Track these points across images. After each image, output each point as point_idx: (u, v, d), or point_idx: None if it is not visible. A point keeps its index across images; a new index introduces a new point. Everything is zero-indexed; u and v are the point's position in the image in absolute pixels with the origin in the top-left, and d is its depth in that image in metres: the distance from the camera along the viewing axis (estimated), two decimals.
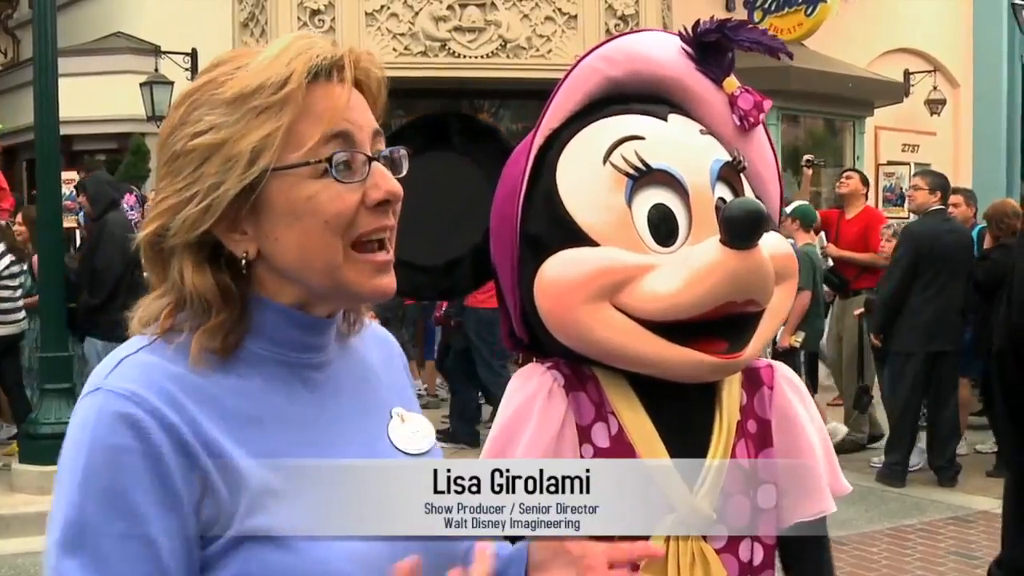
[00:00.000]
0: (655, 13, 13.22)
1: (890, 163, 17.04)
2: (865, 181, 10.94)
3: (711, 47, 2.01)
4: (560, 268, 1.86)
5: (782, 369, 2.08)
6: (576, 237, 1.87)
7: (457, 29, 12.88)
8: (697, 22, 2.03)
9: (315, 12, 12.75)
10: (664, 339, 1.83)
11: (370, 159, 1.41)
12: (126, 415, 1.30)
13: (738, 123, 2.02)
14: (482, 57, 12.87)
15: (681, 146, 1.93)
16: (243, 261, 1.40)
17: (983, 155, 18.77)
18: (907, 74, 17.53)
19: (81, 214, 10.39)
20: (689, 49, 2.02)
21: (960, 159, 18.58)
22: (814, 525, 2.01)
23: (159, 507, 1.29)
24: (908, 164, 16.53)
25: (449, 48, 12.72)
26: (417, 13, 12.83)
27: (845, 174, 10.96)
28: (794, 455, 1.99)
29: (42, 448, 8.16)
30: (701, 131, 1.98)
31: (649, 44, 2.05)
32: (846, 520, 7.50)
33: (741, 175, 1.97)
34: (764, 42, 2.02)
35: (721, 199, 1.90)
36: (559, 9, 13.04)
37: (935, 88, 17.63)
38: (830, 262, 10.32)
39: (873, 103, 16.19)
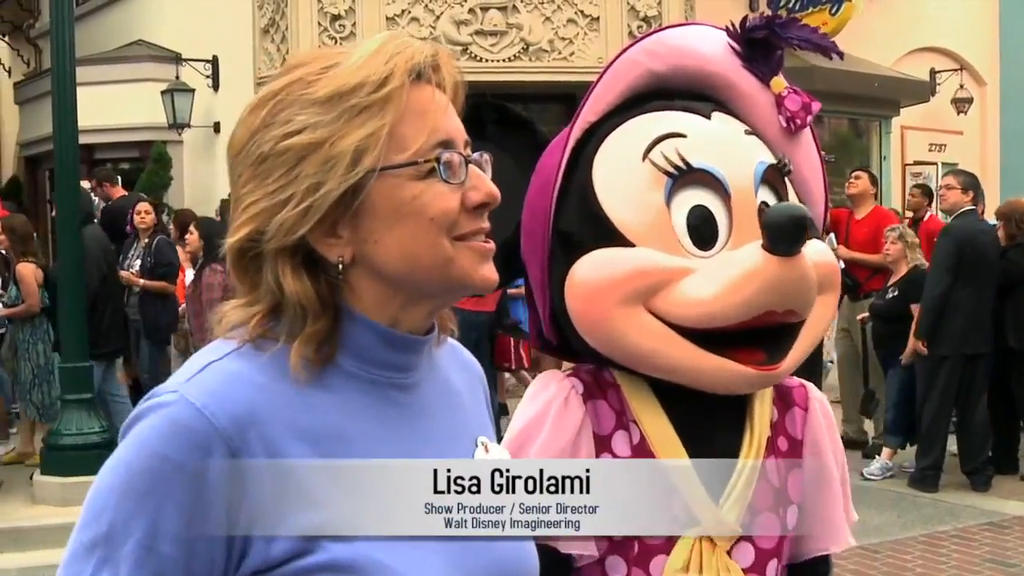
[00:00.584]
0: (678, 14, 13.12)
1: (917, 163, 16.93)
2: (874, 181, 10.84)
3: (759, 44, 1.94)
4: (593, 268, 1.79)
5: (815, 392, 2.02)
6: (610, 236, 1.80)
7: (479, 33, 12.84)
8: (745, 18, 1.96)
9: (335, 17, 12.71)
10: (699, 347, 1.76)
11: (467, 161, 1.40)
12: (189, 429, 1.27)
13: (784, 124, 1.95)
14: (504, 61, 12.81)
15: (725, 145, 1.85)
16: (339, 266, 1.36)
17: (1011, 153, 18.61)
18: (933, 73, 17.40)
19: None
20: (736, 45, 1.95)
21: (987, 158, 18.43)
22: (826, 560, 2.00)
23: (184, 527, 1.26)
24: (935, 164, 16.44)
25: (471, 52, 12.67)
26: (438, 17, 12.79)
27: (854, 174, 10.83)
28: (819, 483, 1.94)
29: (65, 459, 8.17)
30: (746, 131, 1.91)
31: (694, 38, 1.98)
32: (879, 527, 7.42)
33: (786, 179, 1.89)
34: (815, 40, 1.96)
35: (764, 203, 1.83)
36: (581, 11, 12.96)
37: (962, 87, 17.51)
38: (842, 264, 10.20)
39: (899, 102, 16.09)
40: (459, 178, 1.37)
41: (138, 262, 10.24)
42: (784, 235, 1.66)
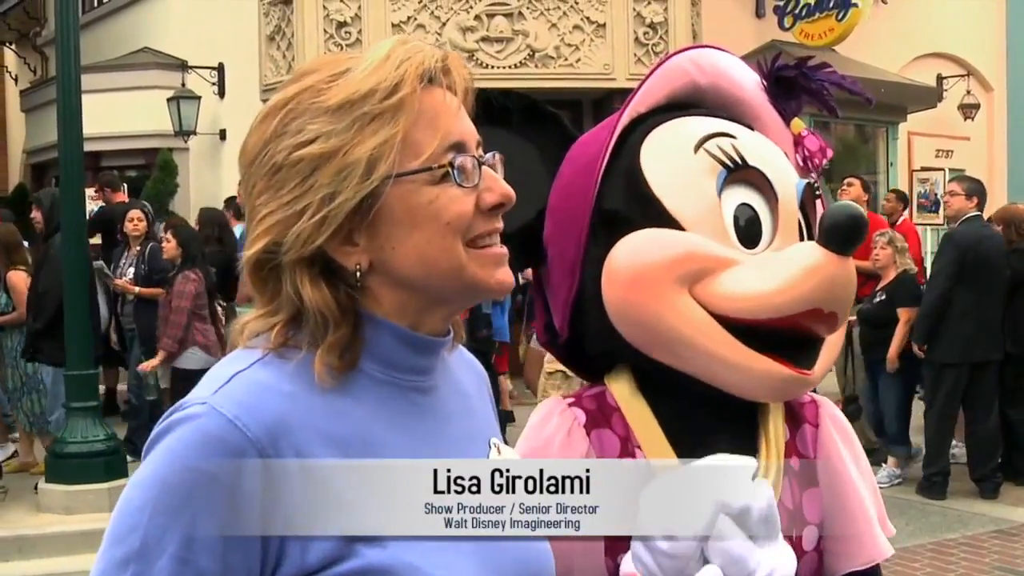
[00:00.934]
0: (684, 20, 13.11)
1: (924, 169, 16.90)
2: (867, 188, 10.80)
3: (785, 83, 1.96)
4: (640, 247, 1.76)
5: (827, 406, 1.98)
6: (660, 218, 1.78)
7: (485, 39, 12.83)
8: (778, 55, 1.99)
9: (341, 24, 12.71)
10: (739, 341, 1.73)
11: (479, 163, 1.39)
12: (222, 440, 1.26)
13: (802, 164, 1.96)
14: (510, 67, 12.81)
15: (772, 154, 1.86)
16: (357, 274, 1.36)
17: (1018, 159, 18.57)
18: (940, 79, 17.38)
19: None
20: (764, 82, 1.98)
21: (995, 164, 18.41)
22: (866, 574, 1.92)
23: (220, 539, 1.25)
24: (942, 170, 16.39)
25: (477, 59, 12.66)
26: (444, 24, 12.78)
27: (846, 181, 10.81)
28: (838, 499, 1.89)
29: (69, 467, 8.15)
30: (783, 152, 1.91)
31: (732, 64, 2.00)
32: None
33: (817, 203, 1.91)
34: (845, 85, 1.99)
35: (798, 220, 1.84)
36: (587, 18, 12.95)
37: (968, 92, 17.49)
38: None
39: (906, 108, 16.07)
40: (472, 181, 1.37)
41: (131, 270, 10.14)
42: (845, 233, 1.66)
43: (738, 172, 1.79)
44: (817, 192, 1.90)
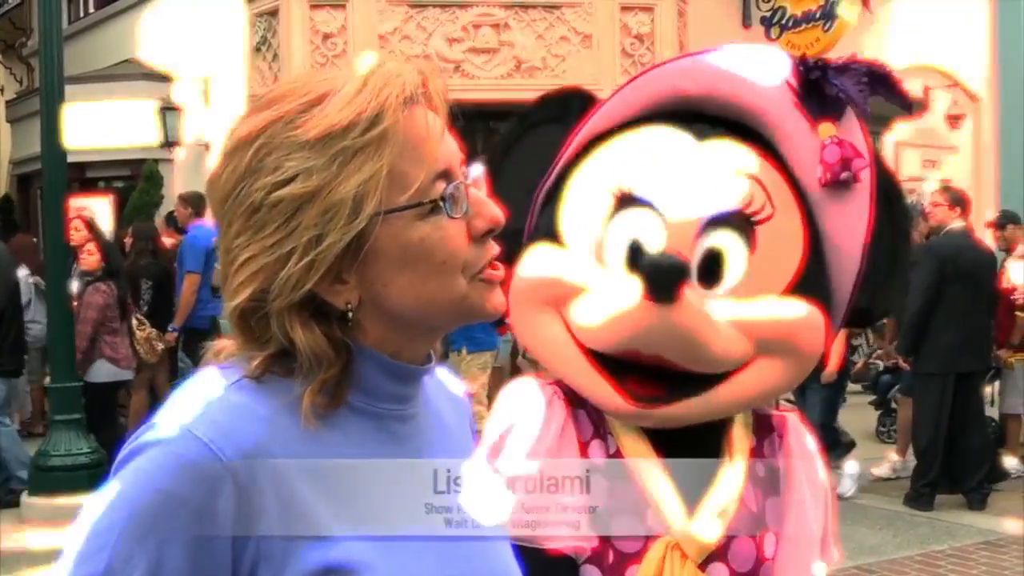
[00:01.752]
0: (671, 32, 13.13)
1: (911, 179, 16.93)
2: None
3: (815, 84, 1.81)
4: (524, 265, 1.83)
5: (793, 421, 1.98)
6: (552, 235, 1.85)
7: (471, 50, 12.82)
8: (803, 56, 1.87)
9: (327, 36, 12.69)
10: (594, 364, 1.76)
11: (467, 187, 1.34)
12: (195, 464, 1.21)
13: (819, 175, 1.80)
14: (497, 78, 12.79)
15: (687, 179, 1.81)
16: (349, 313, 1.30)
17: (1009, 168, 18.63)
18: (926, 89, 17.40)
19: None
20: (794, 81, 1.83)
21: (982, 173, 18.46)
22: None
23: (188, 567, 1.21)
24: (929, 180, 16.43)
25: (463, 70, 12.65)
26: (431, 35, 12.78)
27: None
28: (783, 503, 1.88)
29: (52, 480, 8.15)
30: (739, 170, 1.80)
31: (743, 63, 1.87)
32: (875, 546, 7.37)
33: (756, 228, 1.79)
34: (855, 97, 1.81)
35: (711, 249, 1.77)
36: (574, 29, 12.96)
37: (955, 103, 17.51)
38: None
39: (893, 119, 16.08)
40: (463, 209, 1.32)
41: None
42: (657, 283, 1.65)
43: (629, 205, 1.80)
44: (753, 218, 1.77)
